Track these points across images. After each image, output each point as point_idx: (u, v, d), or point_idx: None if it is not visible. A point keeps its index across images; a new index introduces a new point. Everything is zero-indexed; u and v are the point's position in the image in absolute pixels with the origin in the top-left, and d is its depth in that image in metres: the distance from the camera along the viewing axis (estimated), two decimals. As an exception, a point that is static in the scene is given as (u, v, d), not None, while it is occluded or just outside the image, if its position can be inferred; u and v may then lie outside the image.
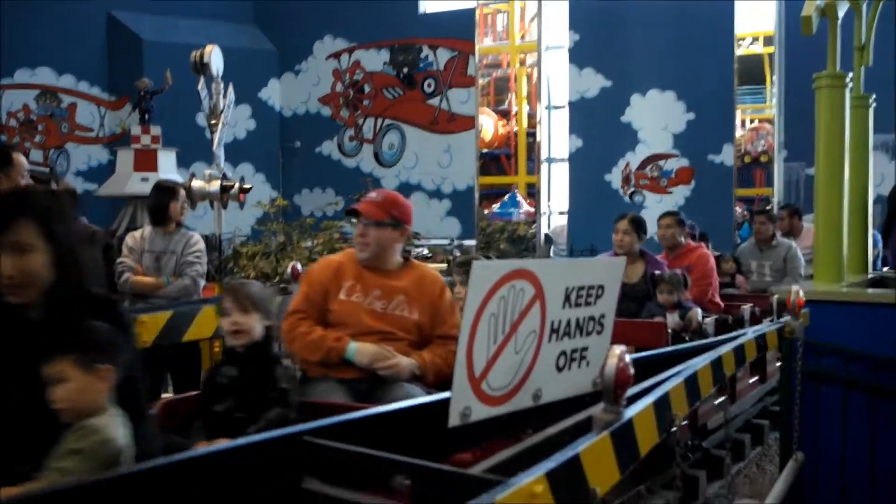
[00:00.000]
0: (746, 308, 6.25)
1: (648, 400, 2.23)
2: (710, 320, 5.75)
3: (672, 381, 2.48)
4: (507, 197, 15.23)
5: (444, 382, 3.67)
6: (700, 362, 2.77)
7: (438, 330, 3.91)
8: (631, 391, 2.17)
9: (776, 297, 3.86)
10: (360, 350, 3.73)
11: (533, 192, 14.77)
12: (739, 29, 12.96)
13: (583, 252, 12.75)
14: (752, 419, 6.11)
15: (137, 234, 6.03)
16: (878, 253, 8.15)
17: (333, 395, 3.63)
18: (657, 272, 5.91)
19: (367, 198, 4.04)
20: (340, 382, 3.73)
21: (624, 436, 2.00)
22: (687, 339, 5.28)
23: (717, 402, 4.67)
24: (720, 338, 3.49)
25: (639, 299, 5.84)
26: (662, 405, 2.31)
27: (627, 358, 2.07)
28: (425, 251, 11.19)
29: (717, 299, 6.57)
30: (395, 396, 3.47)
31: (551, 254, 13.40)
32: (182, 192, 6.14)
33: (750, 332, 3.42)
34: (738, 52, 13.02)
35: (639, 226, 6.19)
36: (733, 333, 3.63)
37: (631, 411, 2.08)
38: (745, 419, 5.79)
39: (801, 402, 3.83)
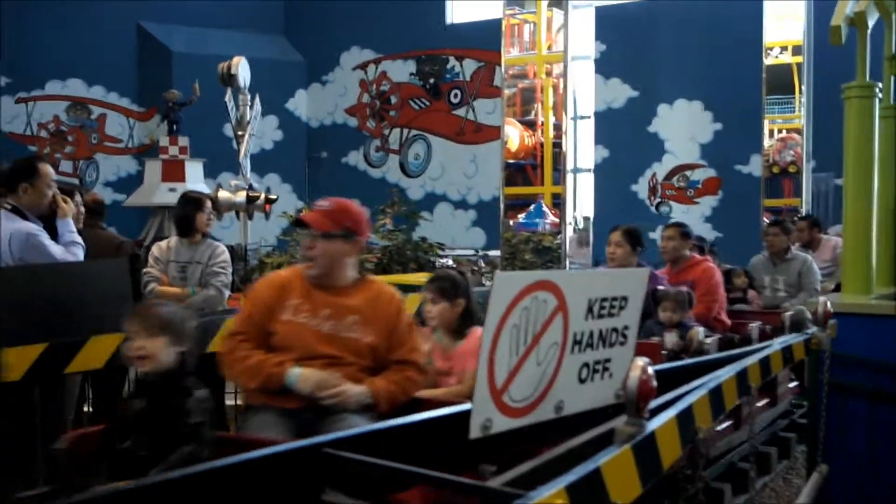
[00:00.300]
0: (755, 326, 6.00)
1: (671, 412, 2.21)
2: (712, 340, 5.41)
3: (696, 392, 2.46)
4: (532, 207, 15.17)
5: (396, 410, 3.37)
6: (724, 374, 2.75)
7: (395, 353, 3.56)
8: (654, 403, 2.15)
9: (788, 314, 3.76)
10: (302, 376, 3.38)
11: (559, 203, 14.72)
12: (768, 38, 12.86)
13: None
14: (779, 432, 6.04)
15: (164, 244, 6.07)
16: None
17: (271, 427, 3.32)
18: (661, 287, 5.67)
19: (317, 206, 3.69)
20: (281, 413, 3.39)
21: (646, 449, 1.99)
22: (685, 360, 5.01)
23: (719, 427, 4.58)
24: (746, 349, 3.45)
25: None
26: (686, 418, 2.29)
27: (650, 370, 2.05)
28: (450, 261, 11.18)
29: (724, 317, 6.25)
30: (338, 429, 3.03)
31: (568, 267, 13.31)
32: (208, 203, 6.19)
33: (776, 343, 3.39)
34: (767, 61, 12.92)
35: (633, 237, 5.97)
36: (761, 345, 3.60)
37: (653, 424, 2.06)
38: (752, 447, 5.52)
39: (826, 414, 3.79)
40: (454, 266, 9.56)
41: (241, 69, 9.06)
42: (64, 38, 15.67)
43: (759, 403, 5.32)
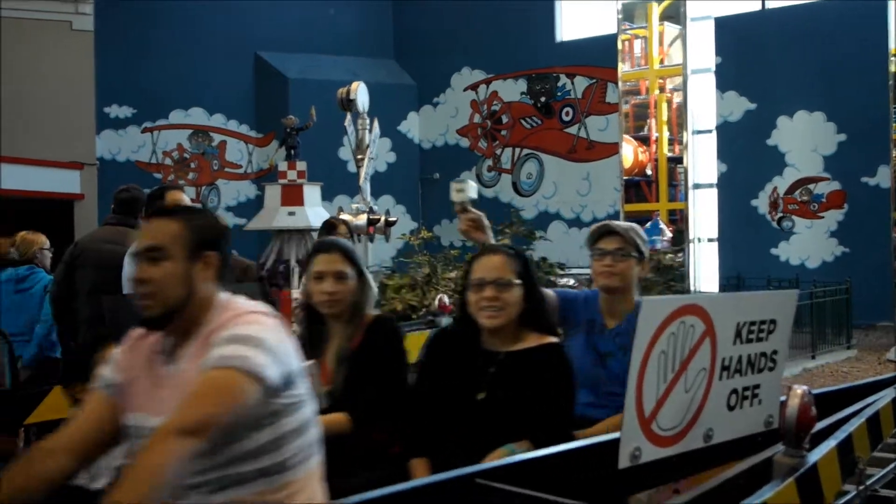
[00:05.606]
0: None
1: (831, 443, 2.11)
2: None
3: (854, 421, 2.35)
4: (648, 224, 14.92)
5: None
6: (881, 399, 2.62)
7: None
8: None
9: None
10: None
11: (674, 220, 14.44)
12: (892, 44, 12.37)
13: (729, 281, 12.38)
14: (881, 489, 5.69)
15: None
16: None
17: None
18: None
19: None
20: None
21: (809, 483, 1.90)
22: None
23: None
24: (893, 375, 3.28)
25: None
26: (845, 448, 2.18)
27: (809, 397, 1.97)
28: (571, 281, 11.04)
29: None
30: None
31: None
32: (342, 228, 6.29)
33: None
34: (891, 68, 12.43)
35: None
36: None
37: (815, 455, 1.97)
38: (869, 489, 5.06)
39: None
40: (575, 285, 9.44)
41: (360, 94, 9.18)
42: (186, 69, 16.21)
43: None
